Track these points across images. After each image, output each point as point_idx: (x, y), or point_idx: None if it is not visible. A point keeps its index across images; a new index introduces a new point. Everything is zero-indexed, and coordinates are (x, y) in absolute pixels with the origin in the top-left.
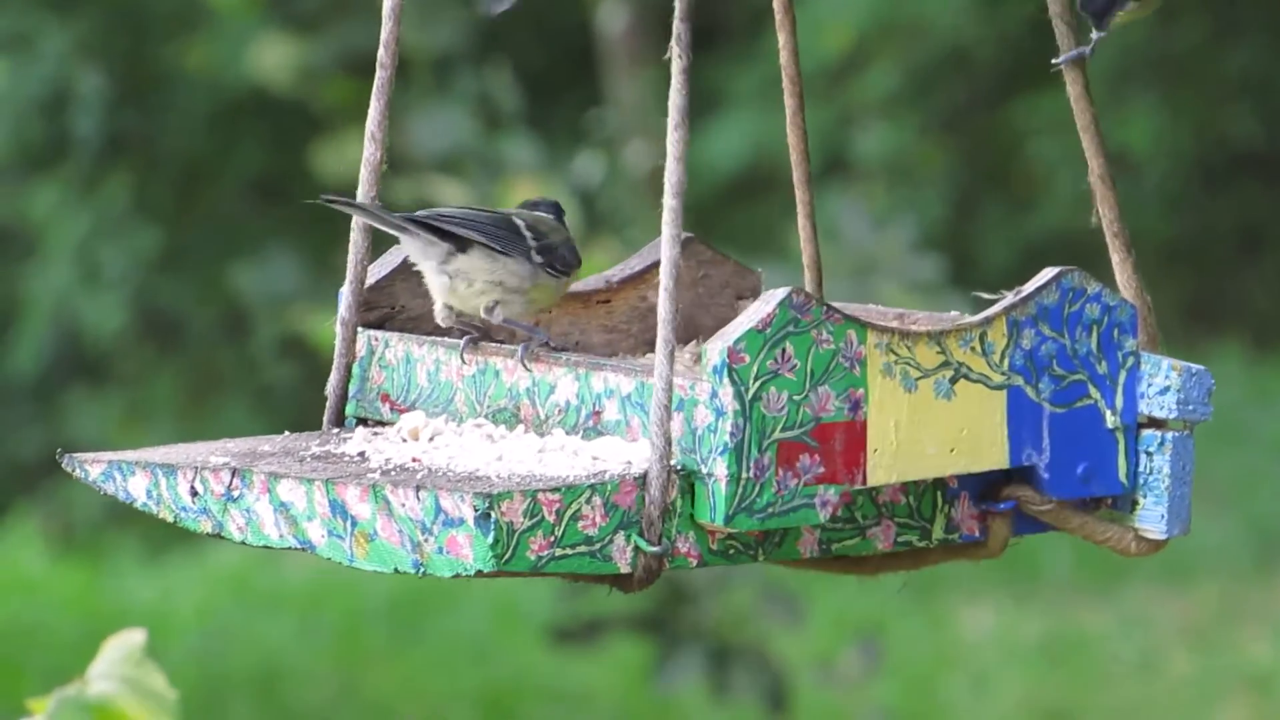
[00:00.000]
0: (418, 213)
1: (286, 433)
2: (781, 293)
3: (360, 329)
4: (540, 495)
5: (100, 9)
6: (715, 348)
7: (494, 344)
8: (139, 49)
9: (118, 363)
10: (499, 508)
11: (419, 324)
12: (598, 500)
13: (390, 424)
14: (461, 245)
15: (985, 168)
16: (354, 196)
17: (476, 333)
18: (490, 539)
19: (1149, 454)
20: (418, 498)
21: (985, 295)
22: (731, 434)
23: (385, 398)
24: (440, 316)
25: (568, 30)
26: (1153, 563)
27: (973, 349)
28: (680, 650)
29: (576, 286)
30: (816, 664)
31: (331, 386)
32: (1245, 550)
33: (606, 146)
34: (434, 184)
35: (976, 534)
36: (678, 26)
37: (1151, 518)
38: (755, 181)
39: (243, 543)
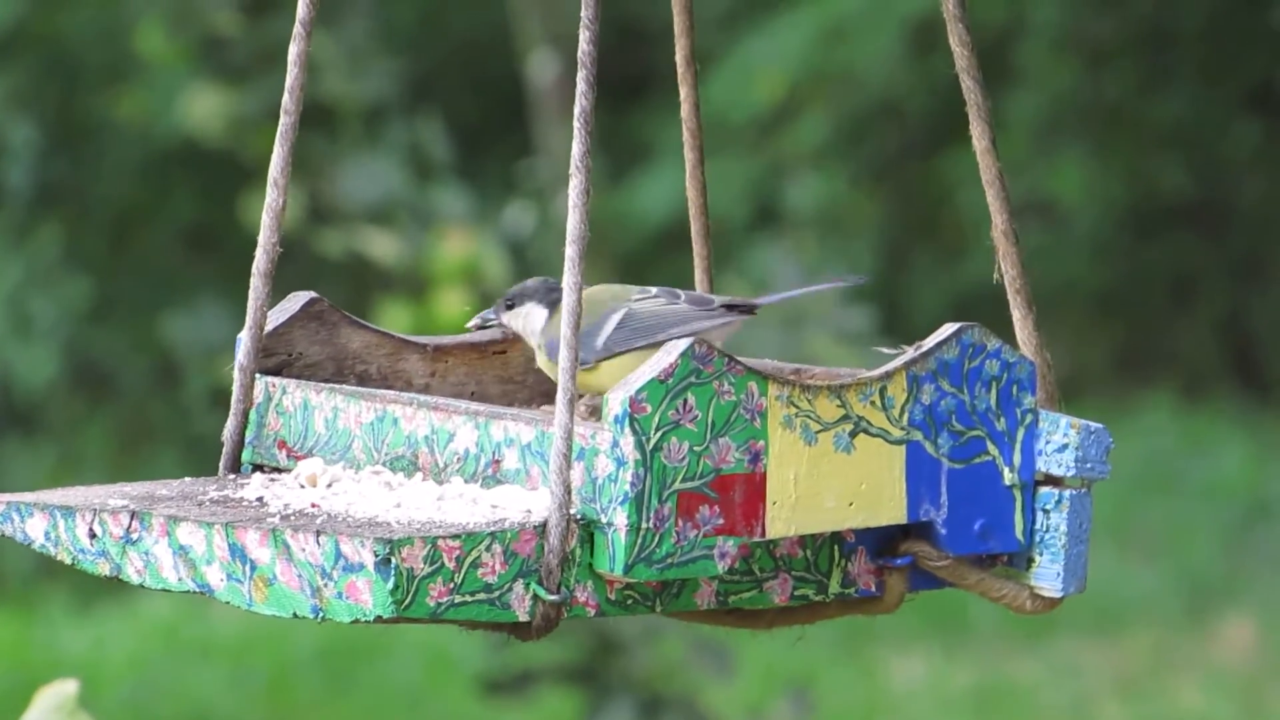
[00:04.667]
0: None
1: (185, 478)
2: (684, 344)
3: (258, 375)
4: (441, 542)
5: (31, 59)
6: (617, 397)
7: (392, 391)
8: (70, 99)
9: (49, 413)
10: (399, 553)
11: (315, 371)
12: (497, 548)
13: (286, 470)
14: None
15: (915, 218)
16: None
17: None
18: (390, 584)
19: (1046, 511)
20: (318, 542)
21: (885, 350)
22: (632, 484)
23: (282, 444)
24: None
25: (499, 80)
26: (1083, 612)
27: (873, 403)
28: (611, 701)
29: (473, 337)
30: (748, 715)
31: (228, 432)
32: (1176, 599)
33: (537, 197)
34: (364, 234)
35: (873, 589)
36: (579, 78)
37: (1047, 576)
38: (686, 232)
39: (141, 585)
